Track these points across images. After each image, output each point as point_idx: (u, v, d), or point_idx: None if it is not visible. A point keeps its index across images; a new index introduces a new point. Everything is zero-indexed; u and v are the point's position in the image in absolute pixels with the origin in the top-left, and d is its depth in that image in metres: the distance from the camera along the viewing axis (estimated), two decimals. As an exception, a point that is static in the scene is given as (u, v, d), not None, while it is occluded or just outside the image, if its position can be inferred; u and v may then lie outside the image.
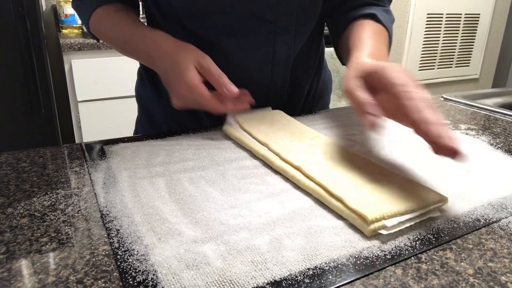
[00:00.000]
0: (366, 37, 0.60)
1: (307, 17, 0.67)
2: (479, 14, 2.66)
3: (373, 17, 0.65)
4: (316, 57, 0.76)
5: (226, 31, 0.63)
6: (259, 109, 0.64)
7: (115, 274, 0.30)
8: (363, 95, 0.44)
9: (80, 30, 1.93)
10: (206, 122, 0.71)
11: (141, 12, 0.78)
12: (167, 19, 0.66)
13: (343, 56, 0.70)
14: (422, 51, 2.46)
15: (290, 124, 0.60)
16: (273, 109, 0.66)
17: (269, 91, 0.69)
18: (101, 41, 0.83)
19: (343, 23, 0.68)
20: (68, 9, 1.89)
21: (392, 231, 0.36)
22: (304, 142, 0.54)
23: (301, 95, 0.75)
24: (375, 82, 0.46)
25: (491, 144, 0.59)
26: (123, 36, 0.65)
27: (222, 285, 0.29)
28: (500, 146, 0.58)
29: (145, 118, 0.79)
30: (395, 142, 0.58)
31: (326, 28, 0.76)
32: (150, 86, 0.75)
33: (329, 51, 2.15)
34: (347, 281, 0.30)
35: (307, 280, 0.30)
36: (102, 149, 0.54)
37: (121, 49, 0.67)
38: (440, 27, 2.48)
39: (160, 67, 0.60)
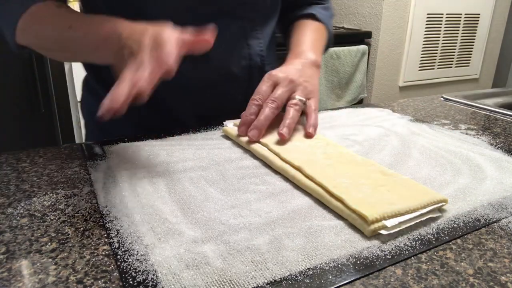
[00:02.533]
0: (304, 35, 0.71)
1: (271, 10, 0.71)
2: (479, 14, 2.66)
3: (313, 17, 0.75)
4: (274, 49, 0.78)
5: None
6: None
7: (115, 274, 0.30)
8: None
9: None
10: (170, 124, 0.67)
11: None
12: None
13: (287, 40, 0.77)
14: (422, 51, 2.46)
15: None
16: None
17: (249, 88, 0.69)
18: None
19: (286, 21, 0.79)
20: (68, 9, 1.89)
21: (392, 231, 0.36)
22: (304, 143, 0.54)
23: None
24: None
25: (491, 144, 0.59)
26: (67, 22, 0.54)
27: (222, 285, 0.29)
28: (500, 146, 0.58)
29: (98, 131, 0.73)
30: (395, 142, 0.58)
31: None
32: (102, 93, 0.70)
33: (331, 51, 2.13)
34: (347, 281, 0.30)
35: (307, 280, 0.30)
36: (102, 149, 0.54)
37: (60, 42, 0.56)
38: (440, 27, 2.47)
39: (115, 38, 0.50)
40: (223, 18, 0.64)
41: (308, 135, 0.55)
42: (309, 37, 0.71)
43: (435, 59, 2.57)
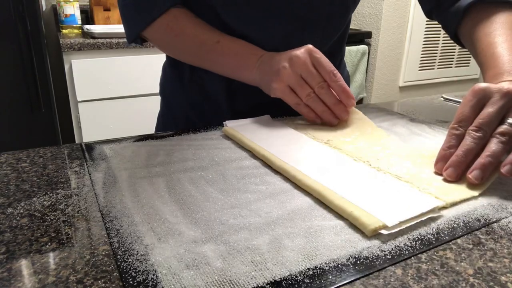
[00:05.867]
0: (496, 47, 0.51)
1: (337, 16, 0.69)
2: (479, 14, 2.65)
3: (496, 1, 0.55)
4: (338, 59, 0.78)
5: (259, 25, 0.65)
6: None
7: (115, 274, 0.30)
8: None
9: (80, 30, 1.93)
10: (226, 113, 0.72)
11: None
12: (204, 10, 0.67)
13: (468, 48, 0.63)
14: (422, 51, 2.46)
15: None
16: None
17: None
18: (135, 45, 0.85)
19: (454, 15, 0.63)
20: (68, 9, 1.89)
21: (392, 231, 0.36)
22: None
23: None
24: None
25: (491, 144, 0.59)
26: (215, 36, 0.64)
27: (222, 285, 0.29)
28: (500, 146, 0.58)
29: (167, 111, 0.81)
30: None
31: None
32: (173, 81, 0.77)
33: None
34: (347, 281, 0.30)
35: (307, 280, 0.30)
36: (102, 149, 0.54)
37: (205, 52, 0.65)
38: (440, 27, 2.48)
39: (260, 62, 0.61)
40: (284, 16, 0.64)
41: (503, 174, 0.41)
42: (503, 53, 0.50)
43: (435, 59, 2.57)
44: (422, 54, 2.47)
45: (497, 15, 0.55)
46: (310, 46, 0.58)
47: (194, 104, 0.75)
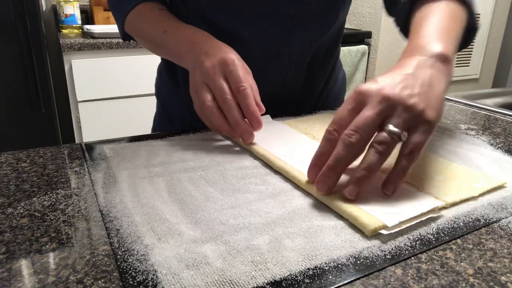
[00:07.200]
0: (426, 20, 0.50)
1: (327, 13, 0.69)
2: (479, 14, 2.66)
3: None
4: (333, 58, 0.78)
5: (248, 24, 0.65)
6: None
7: (115, 274, 0.30)
8: None
9: (80, 30, 1.93)
10: None
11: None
12: (190, 10, 0.67)
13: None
14: (422, 51, 2.46)
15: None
16: (287, 105, 0.65)
17: (284, 87, 0.70)
18: (132, 42, 0.85)
19: (403, 9, 0.60)
20: (68, 9, 1.89)
21: (392, 231, 0.36)
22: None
23: (315, 93, 0.77)
24: None
25: (491, 144, 0.59)
26: (164, 26, 0.63)
27: (222, 285, 0.29)
28: (500, 146, 0.58)
29: (163, 113, 0.81)
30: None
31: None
32: (169, 82, 0.77)
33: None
34: (347, 281, 0.30)
35: (307, 280, 0.30)
36: (102, 149, 0.54)
37: (157, 42, 0.65)
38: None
39: (190, 60, 0.59)
40: (273, 15, 0.64)
41: (384, 192, 0.40)
42: (434, 22, 0.49)
43: (435, 59, 2.56)
44: (422, 54, 2.46)
45: (439, 2, 0.54)
46: (227, 56, 0.53)
47: (190, 105, 0.75)
